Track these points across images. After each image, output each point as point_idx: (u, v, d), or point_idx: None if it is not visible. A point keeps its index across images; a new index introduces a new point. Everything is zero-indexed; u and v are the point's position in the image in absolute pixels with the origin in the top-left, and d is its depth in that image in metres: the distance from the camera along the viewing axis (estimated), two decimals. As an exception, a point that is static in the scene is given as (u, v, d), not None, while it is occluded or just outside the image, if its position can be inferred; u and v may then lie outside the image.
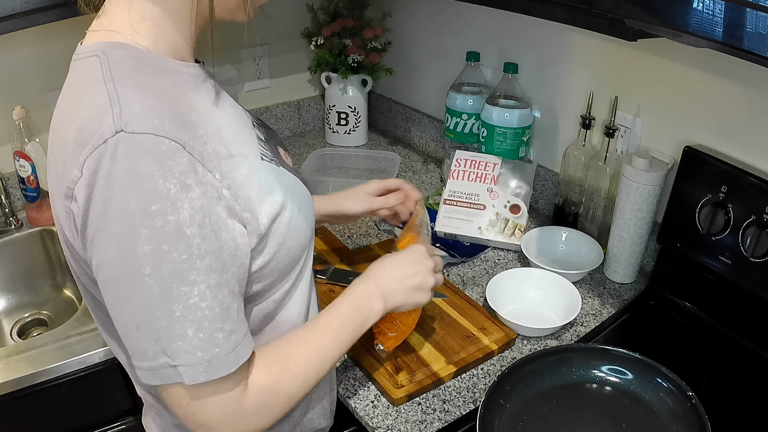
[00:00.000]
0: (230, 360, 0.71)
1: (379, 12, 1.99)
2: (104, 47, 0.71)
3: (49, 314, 1.56)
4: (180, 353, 0.68)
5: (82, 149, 0.65)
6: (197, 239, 0.67)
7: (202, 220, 0.68)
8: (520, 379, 1.04)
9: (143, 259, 0.65)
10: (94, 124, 0.65)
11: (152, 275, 0.66)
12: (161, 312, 0.67)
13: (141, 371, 0.70)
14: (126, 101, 0.66)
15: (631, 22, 0.92)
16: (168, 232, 0.65)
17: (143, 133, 0.65)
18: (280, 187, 0.81)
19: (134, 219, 0.64)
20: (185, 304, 0.67)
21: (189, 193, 0.67)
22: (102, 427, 1.33)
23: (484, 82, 1.66)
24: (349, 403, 1.07)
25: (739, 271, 1.15)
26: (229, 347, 0.71)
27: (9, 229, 1.58)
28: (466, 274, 1.40)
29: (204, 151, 0.70)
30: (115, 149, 0.64)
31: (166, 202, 0.65)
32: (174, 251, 0.66)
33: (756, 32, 0.74)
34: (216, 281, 0.70)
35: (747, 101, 1.16)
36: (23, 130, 1.53)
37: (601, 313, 1.29)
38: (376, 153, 1.84)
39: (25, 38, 1.49)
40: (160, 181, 0.65)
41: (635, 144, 1.39)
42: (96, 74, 0.69)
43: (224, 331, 0.70)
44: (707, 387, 1.09)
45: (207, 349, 0.69)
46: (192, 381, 0.69)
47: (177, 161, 0.66)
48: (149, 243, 0.65)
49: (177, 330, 0.67)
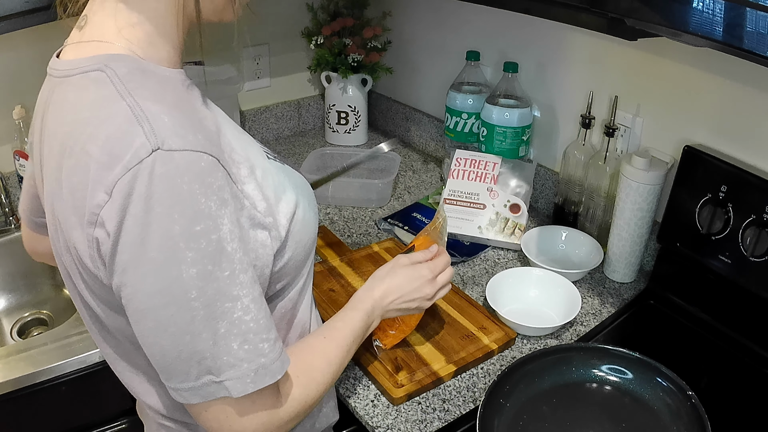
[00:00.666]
0: (276, 368, 0.70)
1: (379, 11, 1.99)
2: (105, 60, 0.67)
3: (49, 314, 1.56)
4: (225, 368, 0.66)
5: (110, 171, 0.61)
6: (239, 254, 0.66)
7: (239, 233, 0.67)
8: (520, 379, 1.04)
9: (188, 283, 0.63)
10: (123, 143, 0.61)
11: (198, 298, 0.63)
12: (206, 333, 0.65)
13: (178, 392, 0.68)
14: (154, 116, 0.62)
15: (631, 21, 0.91)
16: (212, 251, 0.63)
17: (182, 150, 0.61)
18: (290, 184, 0.81)
19: (179, 243, 0.61)
20: (230, 320, 0.65)
21: (227, 208, 0.65)
22: (102, 426, 1.33)
23: (484, 81, 1.66)
24: (349, 402, 1.07)
25: (739, 270, 1.15)
26: (274, 355, 0.70)
27: (9, 228, 1.58)
28: (466, 274, 1.40)
29: (229, 161, 0.69)
30: (153, 169, 0.60)
31: (209, 221, 0.63)
32: (218, 270, 0.64)
33: (756, 32, 0.74)
34: (259, 292, 0.69)
35: (747, 101, 1.16)
36: (23, 129, 1.53)
37: (600, 313, 1.29)
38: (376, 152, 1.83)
39: (25, 38, 1.49)
40: (202, 200, 0.62)
41: (635, 143, 1.39)
42: (107, 89, 0.65)
43: (269, 341, 0.69)
44: (707, 386, 1.09)
45: (252, 360, 0.67)
46: (240, 393, 0.67)
47: (215, 176, 0.64)
48: (195, 266, 0.62)
49: (222, 346, 0.66)
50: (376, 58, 1.93)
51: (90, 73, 0.67)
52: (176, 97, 0.69)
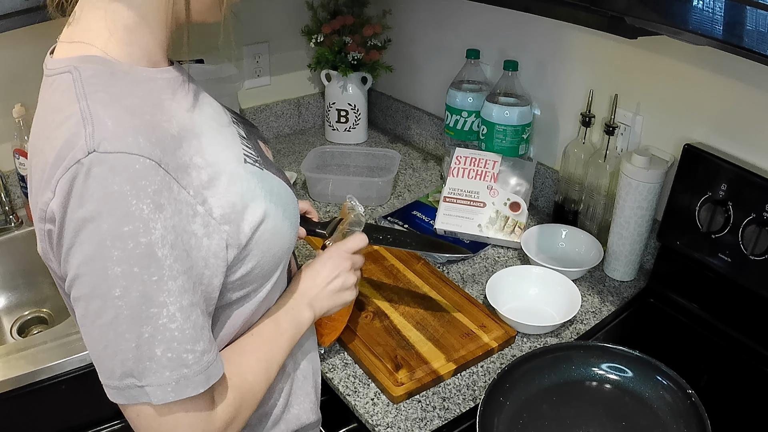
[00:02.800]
0: (200, 380, 0.70)
1: (379, 9, 1.99)
2: (76, 62, 0.70)
3: (49, 312, 1.56)
4: (147, 373, 0.67)
5: (55, 170, 0.64)
6: (169, 260, 0.66)
7: (174, 241, 0.67)
8: (520, 377, 1.04)
9: (113, 281, 0.64)
10: (68, 145, 0.64)
11: (122, 297, 0.65)
12: (130, 333, 0.66)
13: (107, 389, 0.69)
14: (98, 119, 0.65)
15: (631, 19, 0.91)
16: (139, 254, 0.64)
17: (116, 152, 0.63)
18: (263, 192, 0.80)
19: (106, 240, 0.63)
20: (154, 326, 0.66)
21: (162, 213, 0.66)
22: (102, 425, 1.33)
23: (484, 79, 1.66)
24: (349, 400, 1.07)
25: (738, 269, 1.15)
26: (199, 368, 0.70)
27: (9, 227, 1.58)
28: (466, 272, 1.40)
29: (180, 166, 0.69)
30: (89, 170, 0.63)
31: (139, 224, 0.64)
32: (144, 273, 0.65)
33: (756, 30, 0.74)
34: (189, 302, 0.69)
35: (747, 99, 1.16)
36: (23, 128, 1.53)
37: (600, 311, 1.29)
38: (376, 150, 1.83)
39: (25, 36, 1.49)
40: (133, 202, 0.64)
41: (635, 142, 1.39)
42: (69, 92, 0.68)
43: (195, 352, 0.69)
44: (707, 385, 1.09)
45: (175, 369, 0.68)
46: (160, 401, 0.68)
47: (151, 180, 0.65)
48: (120, 265, 0.64)
49: (145, 350, 0.66)
50: (376, 57, 1.93)
51: (62, 74, 0.70)
52: (139, 100, 0.71)
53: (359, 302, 1.26)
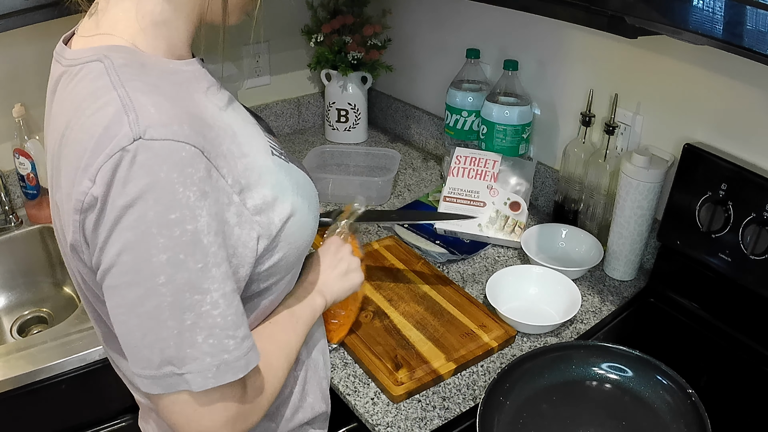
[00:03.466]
0: (240, 366, 0.70)
1: (379, 9, 1.99)
2: (105, 51, 0.69)
3: (49, 312, 1.56)
4: (188, 360, 0.67)
5: (95, 159, 0.63)
6: (214, 247, 0.66)
7: (217, 228, 0.67)
8: (520, 377, 1.04)
9: (158, 268, 0.64)
10: (109, 133, 0.63)
11: (166, 284, 0.64)
12: (172, 321, 0.65)
13: (141, 379, 0.68)
14: (141, 106, 0.64)
15: (631, 19, 0.91)
16: (186, 241, 0.64)
17: (163, 139, 0.63)
18: (290, 185, 0.80)
19: (151, 228, 0.63)
20: (197, 312, 0.66)
21: (206, 200, 0.65)
22: (102, 424, 1.33)
23: (483, 79, 1.66)
24: (349, 400, 1.07)
25: (739, 268, 1.15)
26: (240, 353, 0.70)
27: (9, 226, 1.58)
28: (466, 272, 1.40)
29: (219, 154, 0.69)
30: (134, 157, 0.62)
31: (186, 211, 0.63)
32: (190, 260, 0.64)
33: (756, 30, 0.74)
34: (231, 288, 0.69)
35: (747, 99, 1.16)
36: (23, 127, 1.53)
37: (600, 311, 1.29)
38: (375, 150, 1.83)
39: (25, 36, 1.49)
40: (180, 189, 0.63)
41: (635, 141, 1.39)
42: (103, 80, 0.67)
43: (236, 338, 0.69)
44: (707, 384, 1.09)
45: (216, 355, 0.68)
46: (200, 387, 0.68)
47: (196, 167, 0.64)
48: (166, 252, 0.63)
49: (186, 338, 0.66)
50: (376, 56, 1.93)
51: (90, 63, 0.69)
52: (174, 89, 0.70)
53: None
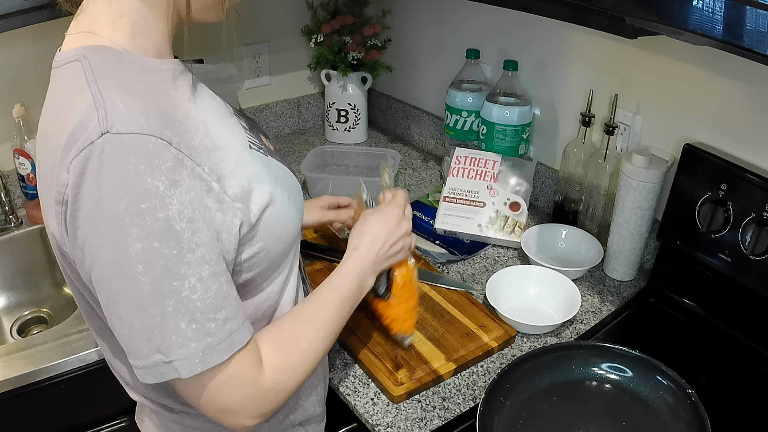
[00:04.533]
0: (224, 347, 0.71)
1: (378, 9, 1.99)
2: (84, 51, 0.72)
3: (48, 312, 1.56)
4: (174, 348, 0.68)
5: (68, 152, 0.66)
6: (187, 233, 0.68)
7: (191, 215, 0.68)
8: (520, 377, 1.04)
9: (135, 258, 0.66)
10: (80, 128, 0.65)
11: (144, 273, 0.66)
12: (154, 309, 0.67)
13: (137, 370, 0.71)
14: (110, 102, 0.67)
15: (631, 19, 0.91)
16: (158, 229, 0.66)
17: (129, 133, 0.65)
18: (269, 176, 0.82)
19: (124, 218, 0.65)
20: (177, 299, 0.68)
21: (177, 188, 0.67)
22: (101, 424, 1.33)
23: (483, 79, 1.66)
24: (349, 400, 1.07)
25: (738, 268, 1.15)
26: (222, 335, 0.71)
27: (9, 227, 1.58)
28: (466, 272, 1.40)
29: (191, 146, 0.71)
30: (102, 150, 0.64)
31: (155, 200, 0.65)
32: (164, 247, 0.66)
33: (756, 30, 0.74)
34: (210, 272, 0.70)
35: (747, 99, 1.16)
36: (23, 127, 1.53)
37: (600, 311, 1.29)
38: (375, 150, 1.83)
39: (25, 36, 1.49)
40: (148, 180, 0.65)
41: (635, 141, 1.39)
42: (79, 79, 0.69)
43: (217, 321, 0.71)
44: (707, 385, 1.09)
45: (200, 339, 0.69)
46: (189, 373, 0.70)
47: (164, 158, 0.67)
48: (140, 241, 0.65)
49: (170, 325, 0.68)
50: (376, 56, 1.93)
51: (70, 63, 0.72)
52: (147, 86, 0.73)
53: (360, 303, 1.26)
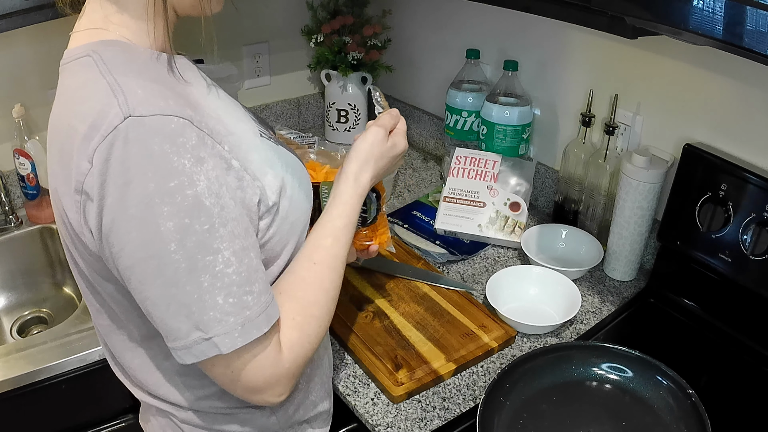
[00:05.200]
0: (262, 320, 0.72)
1: (379, 9, 1.99)
2: (93, 47, 0.73)
3: (49, 312, 1.56)
4: (212, 324, 0.69)
5: (90, 141, 0.66)
6: (216, 208, 0.69)
7: (218, 190, 0.69)
8: (520, 377, 1.04)
9: (167, 236, 0.66)
10: (100, 116, 0.66)
11: (178, 250, 0.67)
12: (190, 285, 0.68)
13: (176, 352, 0.71)
14: (128, 88, 0.67)
15: (631, 19, 0.91)
16: (188, 205, 0.66)
17: (151, 114, 0.66)
18: (280, 163, 0.83)
19: (154, 198, 0.65)
20: (212, 273, 0.68)
21: (203, 165, 0.68)
22: (102, 424, 1.33)
23: (483, 79, 1.66)
24: (349, 400, 1.07)
25: (739, 268, 1.15)
26: (259, 308, 0.72)
27: (9, 227, 1.58)
28: (466, 272, 1.40)
29: (210, 127, 0.72)
30: (126, 134, 0.65)
31: (183, 177, 0.66)
32: (196, 223, 0.67)
33: (756, 30, 0.74)
34: (240, 246, 0.71)
35: (747, 99, 1.16)
36: (23, 127, 1.53)
37: (600, 311, 1.29)
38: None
39: (25, 36, 1.49)
40: (174, 158, 0.66)
41: (635, 142, 1.39)
42: (92, 71, 0.70)
43: (253, 294, 0.71)
44: (707, 385, 1.09)
45: (238, 313, 0.70)
46: (229, 348, 0.70)
47: (188, 136, 0.67)
48: (171, 219, 0.66)
49: (207, 300, 0.68)
50: (376, 56, 1.93)
51: (80, 59, 0.73)
52: (160, 75, 0.74)
53: (359, 302, 1.26)
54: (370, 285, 1.31)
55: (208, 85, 0.83)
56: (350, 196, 0.93)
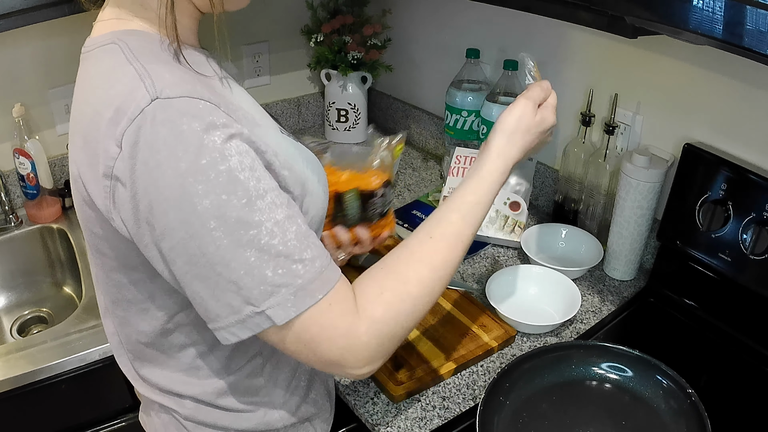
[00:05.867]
0: (316, 287, 0.70)
1: (378, 9, 1.99)
2: (119, 35, 0.72)
3: (48, 311, 1.56)
4: (264, 297, 0.67)
5: (117, 125, 0.65)
6: (252, 181, 0.67)
7: (251, 164, 0.68)
8: (520, 377, 1.04)
9: (205, 214, 0.65)
10: (127, 99, 0.65)
11: (218, 227, 0.65)
12: (236, 262, 0.66)
13: (229, 331, 0.69)
14: (156, 73, 0.67)
15: (631, 19, 0.91)
16: (223, 181, 0.65)
17: (179, 96, 0.65)
18: (301, 158, 0.82)
19: (187, 178, 0.64)
20: (257, 247, 0.67)
21: (233, 141, 0.67)
22: (101, 424, 1.33)
23: (483, 79, 1.66)
24: (349, 400, 1.07)
25: (738, 268, 1.15)
26: (312, 275, 0.69)
27: (9, 226, 1.58)
28: (466, 271, 1.40)
29: (238, 116, 0.71)
30: (154, 116, 0.64)
31: (215, 153, 0.65)
32: (233, 198, 0.66)
33: (756, 29, 0.74)
34: (284, 214, 0.69)
35: (747, 98, 1.16)
36: (23, 127, 1.53)
37: (600, 311, 1.29)
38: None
39: (25, 36, 1.49)
40: (204, 136, 0.65)
41: (635, 141, 1.39)
42: (118, 57, 0.70)
43: (302, 262, 0.69)
44: (707, 384, 1.09)
45: (290, 284, 0.68)
46: (283, 319, 0.68)
47: (216, 116, 0.67)
48: (207, 197, 0.65)
49: (256, 275, 0.67)
50: (376, 56, 1.93)
51: (106, 46, 0.72)
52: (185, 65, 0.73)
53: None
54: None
55: (230, 80, 0.83)
56: (489, 173, 0.87)
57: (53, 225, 1.60)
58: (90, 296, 1.36)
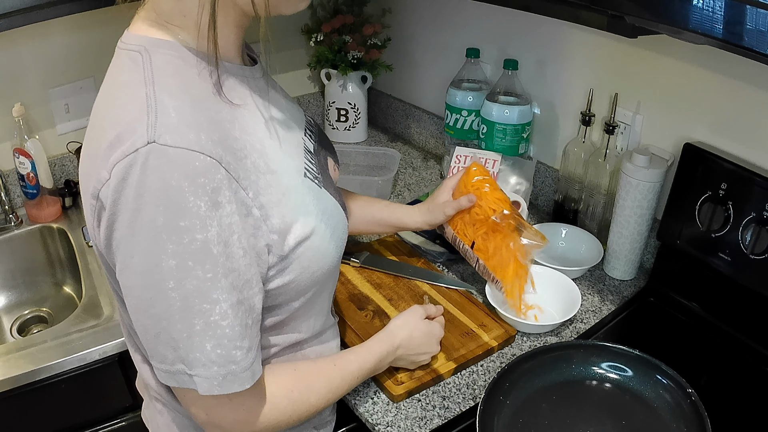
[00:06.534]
0: (246, 377, 0.72)
1: (378, 8, 1.99)
2: (148, 44, 0.70)
3: (48, 311, 1.56)
4: (197, 364, 0.68)
5: (113, 152, 0.64)
6: (222, 258, 0.67)
7: (228, 238, 0.67)
8: (520, 376, 1.04)
9: (167, 273, 0.65)
10: (128, 129, 0.64)
11: (175, 289, 0.65)
12: (181, 324, 0.67)
13: (158, 372, 0.71)
14: (163, 108, 0.65)
15: (631, 18, 0.91)
16: (195, 249, 0.65)
17: (176, 147, 0.63)
18: (316, 210, 0.80)
19: (161, 233, 0.63)
20: (206, 320, 0.67)
21: (219, 210, 0.66)
22: (101, 424, 1.33)
23: (483, 78, 1.66)
24: (349, 400, 1.07)
25: (738, 268, 1.15)
26: (246, 364, 0.71)
27: (9, 226, 1.58)
28: (466, 271, 1.40)
29: (241, 167, 0.69)
30: (146, 160, 0.62)
31: (195, 220, 0.64)
32: (199, 269, 0.65)
33: (756, 29, 0.74)
34: (237, 299, 0.69)
35: (747, 98, 1.16)
36: (23, 127, 1.53)
37: (600, 310, 1.29)
38: (375, 149, 1.83)
39: (25, 35, 1.49)
40: (191, 198, 0.63)
41: (635, 141, 1.39)
42: (137, 74, 0.68)
43: (242, 349, 0.71)
44: (707, 384, 1.09)
45: (223, 365, 0.69)
46: (206, 392, 0.70)
47: (210, 178, 0.65)
48: (175, 258, 0.64)
49: (196, 342, 0.68)
50: (376, 55, 1.93)
51: (132, 52, 0.70)
52: (205, 93, 0.70)
53: (359, 301, 1.26)
54: (369, 284, 1.31)
55: (271, 101, 0.80)
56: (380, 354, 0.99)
57: (53, 225, 1.60)
58: (90, 296, 1.36)
